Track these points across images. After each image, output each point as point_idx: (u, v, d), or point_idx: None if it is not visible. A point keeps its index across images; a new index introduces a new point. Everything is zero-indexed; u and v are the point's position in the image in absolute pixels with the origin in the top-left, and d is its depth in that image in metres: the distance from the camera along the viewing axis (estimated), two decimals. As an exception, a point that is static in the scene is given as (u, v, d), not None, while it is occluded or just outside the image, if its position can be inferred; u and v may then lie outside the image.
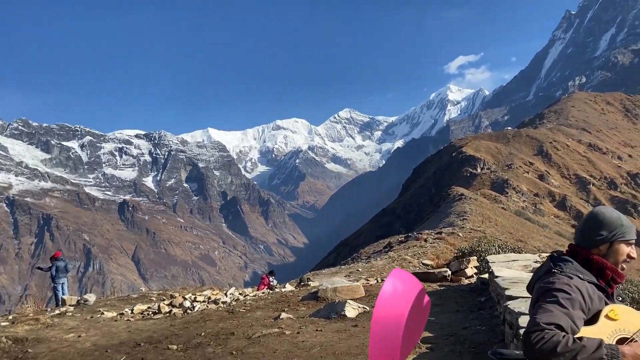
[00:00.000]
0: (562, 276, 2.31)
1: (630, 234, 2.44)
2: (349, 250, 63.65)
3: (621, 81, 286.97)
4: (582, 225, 2.50)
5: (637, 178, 79.30)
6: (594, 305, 2.27)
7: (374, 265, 15.30)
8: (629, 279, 16.83)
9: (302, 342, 5.41)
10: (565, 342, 2.02)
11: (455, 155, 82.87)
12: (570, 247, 2.52)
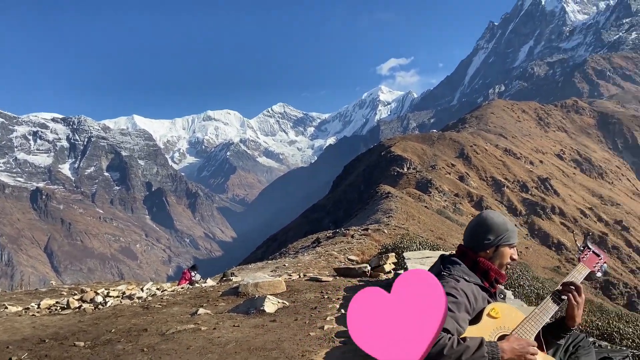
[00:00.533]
0: (450, 279, 2.46)
1: (513, 238, 2.65)
2: (278, 245, 63.62)
3: (536, 91, 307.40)
4: (471, 228, 2.67)
5: (546, 182, 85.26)
6: (478, 305, 2.45)
7: (301, 260, 15.40)
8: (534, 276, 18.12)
9: (218, 337, 5.35)
10: (450, 344, 2.12)
11: (384, 154, 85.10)
12: (459, 248, 2.70)
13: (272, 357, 4.61)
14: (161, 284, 12.01)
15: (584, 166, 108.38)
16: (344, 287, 8.53)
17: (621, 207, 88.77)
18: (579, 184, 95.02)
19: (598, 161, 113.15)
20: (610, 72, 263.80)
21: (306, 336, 5.29)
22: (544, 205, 77.65)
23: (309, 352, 4.74)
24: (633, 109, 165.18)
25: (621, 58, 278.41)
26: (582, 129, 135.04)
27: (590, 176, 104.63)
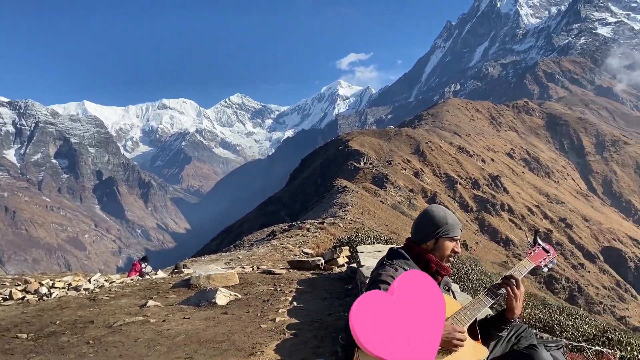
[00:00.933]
0: (390, 268, 2.59)
1: (454, 232, 2.75)
2: (233, 237, 63.05)
3: (490, 91, 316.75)
4: (416, 222, 2.79)
5: (497, 180, 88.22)
6: None
7: (256, 253, 15.34)
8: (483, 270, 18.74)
9: (167, 330, 5.27)
10: None
11: (341, 148, 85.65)
12: (407, 240, 2.81)
13: (222, 349, 4.59)
14: (110, 276, 11.69)
15: (532, 165, 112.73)
16: (297, 279, 8.57)
17: (565, 206, 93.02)
18: (527, 182, 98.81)
19: (545, 161, 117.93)
20: (559, 76, 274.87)
21: (257, 328, 5.29)
22: (494, 202, 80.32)
23: (260, 344, 4.75)
24: (579, 112, 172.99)
25: (570, 62, 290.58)
26: (531, 130, 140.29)
27: (537, 175, 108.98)
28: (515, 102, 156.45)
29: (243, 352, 4.50)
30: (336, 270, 9.67)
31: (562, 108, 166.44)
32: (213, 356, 4.38)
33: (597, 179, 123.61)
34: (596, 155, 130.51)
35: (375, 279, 2.56)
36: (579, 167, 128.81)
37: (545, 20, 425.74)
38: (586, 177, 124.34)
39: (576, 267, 73.41)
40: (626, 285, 73.31)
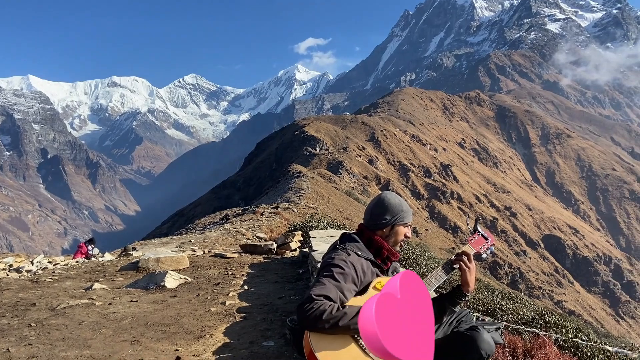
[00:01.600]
0: (342, 252, 2.65)
1: (407, 218, 2.85)
2: (185, 221, 62.05)
3: (444, 81, 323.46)
4: (370, 208, 2.84)
5: (447, 169, 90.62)
6: (366, 278, 2.63)
7: (208, 236, 15.16)
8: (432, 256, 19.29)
9: (113, 313, 5.17)
10: (330, 310, 2.30)
11: (297, 134, 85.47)
12: (359, 226, 2.87)
13: (170, 332, 4.55)
14: (54, 258, 11.28)
15: (481, 155, 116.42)
16: (249, 263, 8.56)
17: (511, 195, 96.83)
18: (476, 172, 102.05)
19: (494, 151, 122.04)
20: (509, 69, 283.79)
21: (207, 311, 5.27)
22: (444, 190, 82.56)
23: (209, 327, 4.74)
24: (527, 105, 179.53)
25: (520, 56, 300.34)
26: (482, 120, 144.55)
27: (486, 165, 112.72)
28: (468, 93, 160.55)
29: (191, 335, 4.48)
30: (288, 255, 9.72)
31: (511, 100, 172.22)
32: (160, 339, 4.35)
33: (541, 169, 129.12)
34: (541, 147, 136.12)
35: (328, 262, 2.60)
36: (524, 158, 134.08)
37: (499, 14, 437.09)
38: (531, 168, 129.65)
39: (519, 253, 76.82)
40: (564, 272, 77.46)
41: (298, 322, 2.42)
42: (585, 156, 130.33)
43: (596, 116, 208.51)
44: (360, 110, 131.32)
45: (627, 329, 70.36)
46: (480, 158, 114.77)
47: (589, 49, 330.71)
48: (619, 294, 78.46)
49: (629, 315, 75.73)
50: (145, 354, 3.97)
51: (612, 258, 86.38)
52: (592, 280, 79.64)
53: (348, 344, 2.33)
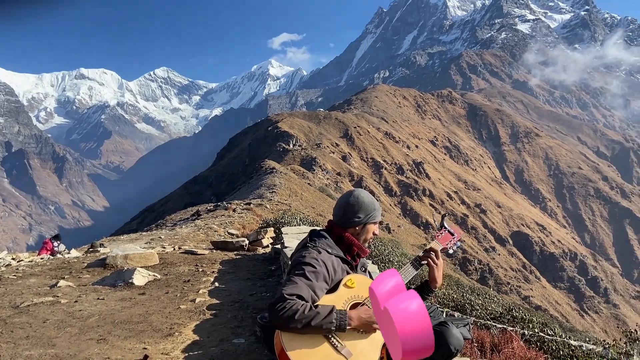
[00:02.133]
0: (313, 250, 2.62)
1: (378, 216, 2.86)
2: (155, 217, 61.14)
3: (417, 79, 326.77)
4: (343, 206, 2.81)
5: (420, 166, 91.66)
6: (337, 276, 2.63)
7: (179, 232, 14.95)
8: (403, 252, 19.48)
9: (79, 311, 5.04)
10: (302, 310, 2.28)
11: (271, 129, 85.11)
12: (329, 223, 2.85)
13: (138, 330, 4.45)
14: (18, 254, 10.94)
15: (453, 153, 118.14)
16: (220, 260, 8.47)
17: (481, 192, 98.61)
18: (447, 169, 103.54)
19: (465, 149, 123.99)
20: (481, 68, 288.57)
21: (176, 309, 5.18)
22: (417, 187, 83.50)
23: (178, 324, 4.66)
24: (497, 104, 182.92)
25: (491, 55, 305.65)
26: (453, 118, 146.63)
27: (457, 162, 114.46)
28: (440, 92, 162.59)
29: (160, 333, 4.40)
30: (260, 251, 9.66)
31: (482, 99, 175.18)
32: (128, 337, 4.25)
33: (511, 167, 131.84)
34: (510, 145, 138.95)
35: (299, 260, 2.57)
36: (494, 156, 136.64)
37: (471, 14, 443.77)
38: (501, 166, 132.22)
39: (488, 250, 78.38)
40: (531, 267, 79.41)
41: (270, 322, 2.39)
42: (552, 155, 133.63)
43: (564, 116, 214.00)
44: (334, 107, 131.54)
45: (590, 323, 72.66)
46: (451, 156, 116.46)
47: (558, 50, 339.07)
48: (584, 289, 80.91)
49: (593, 310, 78.21)
50: (112, 353, 3.88)
51: (577, 254, 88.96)
52: (558, 276, 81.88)
53: (320, 343, 2.32)
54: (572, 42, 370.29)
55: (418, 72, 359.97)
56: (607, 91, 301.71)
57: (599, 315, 77.80)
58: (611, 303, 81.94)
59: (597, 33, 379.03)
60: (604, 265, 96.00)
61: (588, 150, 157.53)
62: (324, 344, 2.32)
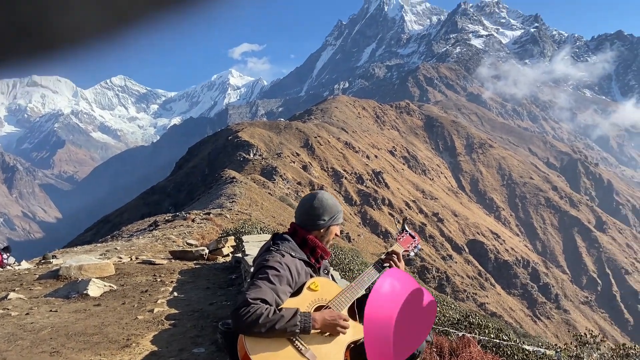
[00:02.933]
0: (277, 254, 2.61)
1: (341, 218, 2.91)
2: (110, 228, 59.30)
3: (375, 91, 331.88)
4: (306, 209, 2.84)
5: (379, 176, 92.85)
6: (300, 279, 2.64)
7: (135, 243, 14.58)
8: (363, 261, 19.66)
9: (31, 323, 4.86)
10: (267, 314, 2.27)
11: (231, 139, 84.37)
12: (292, 225, 2.87)
13: (93, 342, 4.33)
14: (-38, 268, 10.38)
15: (411, 163, 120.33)
16: (179, 270, 8.33)
17: (438, 201, 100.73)
18: (406, 179, 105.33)
19: (423, 159, 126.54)
20: (437, 81, 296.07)
21: (133, 320, 5.07)
22: (376, 196, 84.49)
23: (135, 335, 4.57)
24: (453, 115, 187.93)
25: (447, 69, 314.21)
26: (411, 129, 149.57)
27: (415, 172, 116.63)
28: (398, 103, 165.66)
29: (117, 345, 4.30)
30: (221, 261, 9.56)
31: (438, 111, 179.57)
32: (83, 349, 4.13)
33: (466, 177, 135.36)
34: (466, 156, 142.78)
35: (262, 264, 2.56)
36: (451, 166, 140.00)
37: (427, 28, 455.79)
38: (457, 176, 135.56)
39: (445, 258, 79.97)
40: (486, 275, 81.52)
41: (233, 327, 2.37)
42: (505, 165, 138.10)
43: (515, 128, 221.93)
44: (294, 117, 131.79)
45: (543, 328, 75.10)
46: (410, 165, 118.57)
47: (509, 64, 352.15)
48: (536, 295, 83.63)
49: (545, 315, 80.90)
50: (65, 366, 3.77)
51: (529, 262, 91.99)
52: (512, 283, 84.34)
53: (285, 347, 2.33)
54: (522, 57, 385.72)
55: (377, 83, 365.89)
56: (556, 104, 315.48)
57: (550, 320, 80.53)
58: (562, 309, 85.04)
59: (546, 49, 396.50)
60: (555, 272, 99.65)
61: (539, 161, 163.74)
62: (288, 347, 2.33)
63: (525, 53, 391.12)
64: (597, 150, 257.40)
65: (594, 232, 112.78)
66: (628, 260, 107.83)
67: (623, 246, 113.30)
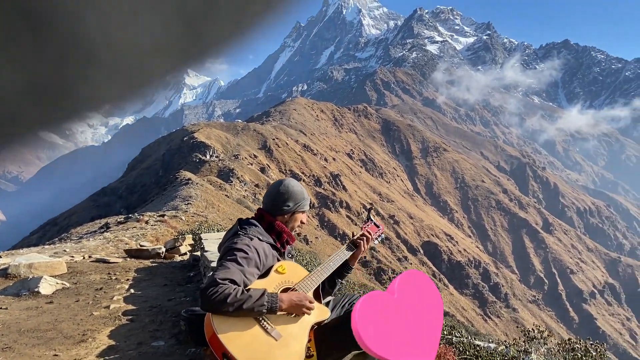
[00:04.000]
0: (245, 237, 2.70)
1: (307, 206, 3.00)
2: (58, 231, 57.09)
3: (334, 94, 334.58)
4: (273, 195, 2.93)
5: (337, 178, 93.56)
6: (268, 262, 2.72)
7: (86, 245, 14.10)
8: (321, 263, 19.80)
9: (-22, 322, 4.67)
10: (235, 293, 2.34)
11: (186, 139, 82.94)
12: (258, 211, 2.94)
13: (47, 337, 4.21)
14: None
15: (368, 166, 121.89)
16: (134, 268, 8.15)
17: (395, 204, 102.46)
18: (363, 182, 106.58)
19: (380, 162, 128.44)
20: (394, 85, 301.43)
21: (89, 316, 4.94)
22: (334, 199, 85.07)
23: (92, 330, 4.46)
24: (409, 119, 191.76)
25: (403, 73, 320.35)
26: (369, 133, 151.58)
27: (372, 175, 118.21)
28: (356, 106, 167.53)
29: (72, 340, 4.19)
30: (178, 259, 9.42)
31: (395, 115, 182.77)
32: (36, 345, 4.01)
33: (421, 180, 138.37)
34: (421, 159, 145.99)
35: (231, 247, 2.62)
36: (407, 169, 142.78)
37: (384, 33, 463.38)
38: (412, 179, 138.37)
39: (401, 259, 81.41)
40: (440, 275, 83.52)
41: (201, 306, 2.42)
42: (459, 169, 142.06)
43: (468, 132, 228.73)
44: (252, 118, 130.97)
45: (493, 327, 77.64)
46: (367, 168, 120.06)
47: (462, 70, 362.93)
48: (487, 295, 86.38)
49: (495, 314, 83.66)
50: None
51: (481, 262, 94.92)
52: (464, 283, 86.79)
53: (251, 326, 2.39)
54: (475, 63, 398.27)
55: (335, 86, 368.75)
56: (506, 110, 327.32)
57: (500, 319, 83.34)
58: (511, 307, 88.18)
59: (497, 56, 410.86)
60: (505, 272, 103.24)
61: (490, 165, 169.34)
62: (255, 326, 2.40)
63: (478, 59, 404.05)
64: (545, 155, 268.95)
65: (541, 233, 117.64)
66: (573, 260, 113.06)
67: (568, 247, 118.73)
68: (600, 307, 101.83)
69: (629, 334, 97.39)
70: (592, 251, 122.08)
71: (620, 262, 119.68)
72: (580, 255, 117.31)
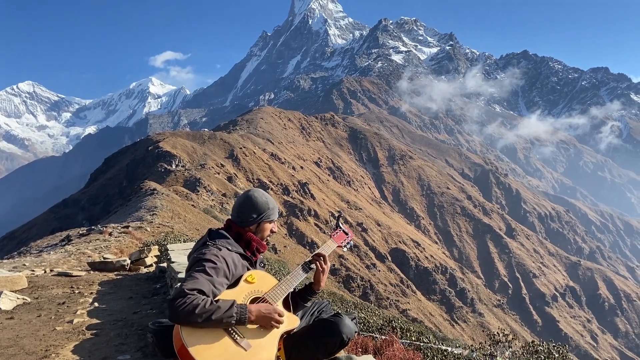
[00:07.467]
0: (214, 248, 2.71)
1: (274, 215, 3.03)
2: (16, 244, 55.07)
3: (301, 102, 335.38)
4: (239, 206, 2.96)
5: (305, 187, 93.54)
6: (237, 271, 2.73)
7: (46, 259, 13.68)
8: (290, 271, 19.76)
9: None
10: (203, 304, 2.33)
11: (151, 149, 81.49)
12: (227, 221, 2.96)
13: (9, 354, 4.09)
14: None
15: (336, 174, 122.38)
16: (98, 281, 7.98)
17: (362, 211, 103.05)
18: (331, 190, 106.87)
19: (347, 170, 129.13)
20: (360, 94, 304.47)
21: (51, 331, 4.82)
22: (302, 207, 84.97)
23: (55, 346, 4.36)
24: (376, 128, 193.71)
25: (369, 82, 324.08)
26: (336, 141, 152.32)
27: (340, 183, 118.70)
28: (323, 115, 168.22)
29: (34, 356, 4.09)
30: (144, 271, 9.26)
31: (362, 123, 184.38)
32: (-4, 363, 3.90)
33: (388, 188, 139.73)
34: (388, 167, 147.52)
35: (199, 257, 2.61)
36: (374, 177, 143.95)
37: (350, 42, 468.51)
38: (379, 186, 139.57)
39: (369, 267, 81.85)
40: (408, 282, 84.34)
41: (169, 318, 2.39)
42: (425, 176, 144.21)
43: (433, 140, 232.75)
44: (219, 127, 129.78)
45: (460, 332, 78.79)
46: (335, 177, 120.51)
47: (427, 80, 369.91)
48: (454, 300, 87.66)
49: (462, 319, 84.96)
50: (-23, 380, 3.54)
51: (447, 268, 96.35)
52: (432, 289, 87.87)
53: (221, 337, 2.39)
54: (439, 73, 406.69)
55: (302, 95, 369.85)
56: (469, 118, 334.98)
57: (467, 324, 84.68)
58: (477, 312, 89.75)
59: (460, 66, 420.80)
60: (470, 277, 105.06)
61: (455, 172, 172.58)
62: (225, 337, 2.40)
63: (441, 69, 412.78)
64: (507, 162, 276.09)
65: (505, 238, 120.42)
66: (535, 264, 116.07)
67: (530, 251, 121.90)
68: (562, 310, 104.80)
69: (589, 335, 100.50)
70: (553, 255, 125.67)
71: (580, 265, 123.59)
72: (542, 259, 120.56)
